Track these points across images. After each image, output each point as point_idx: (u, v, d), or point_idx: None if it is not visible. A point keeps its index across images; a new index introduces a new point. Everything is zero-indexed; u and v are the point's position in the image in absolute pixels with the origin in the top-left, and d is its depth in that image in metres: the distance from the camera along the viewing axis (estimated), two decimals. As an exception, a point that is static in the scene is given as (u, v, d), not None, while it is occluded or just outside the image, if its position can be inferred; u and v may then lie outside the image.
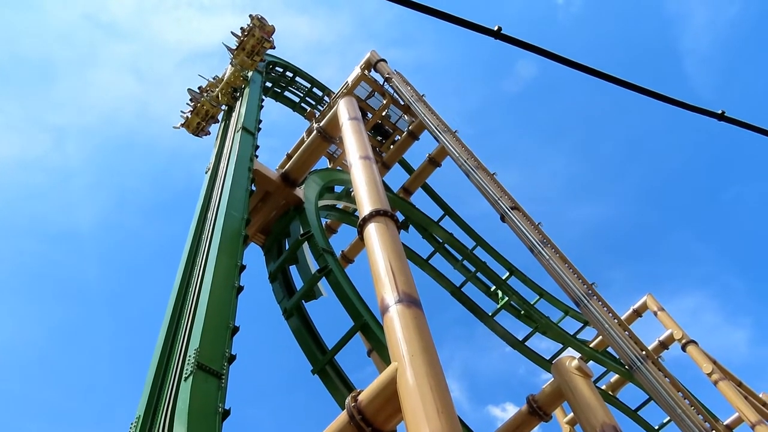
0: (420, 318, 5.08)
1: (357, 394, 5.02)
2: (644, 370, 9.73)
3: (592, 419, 6.09)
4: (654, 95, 5.13)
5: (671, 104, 5.20)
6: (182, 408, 5.54)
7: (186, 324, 6.95)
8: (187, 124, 15.82)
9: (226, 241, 8.16)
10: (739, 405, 14.01)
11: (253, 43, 15.35)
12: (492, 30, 5.21)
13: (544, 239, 11.85)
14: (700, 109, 5.36)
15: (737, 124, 5.41)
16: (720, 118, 5.50)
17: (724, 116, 5.47)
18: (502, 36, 5.23)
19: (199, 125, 15.61)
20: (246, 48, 15.35)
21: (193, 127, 15.75)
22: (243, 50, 15.34)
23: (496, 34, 5.22)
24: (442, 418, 4.15)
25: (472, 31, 4.94)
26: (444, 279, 16.14)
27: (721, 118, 5.49)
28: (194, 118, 15.70)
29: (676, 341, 16.25)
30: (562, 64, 5.01)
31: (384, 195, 7.09)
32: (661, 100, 5.18)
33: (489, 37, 5.13)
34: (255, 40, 15.35)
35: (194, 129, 15.78)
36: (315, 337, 9.02)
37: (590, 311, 10.56)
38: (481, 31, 5.04)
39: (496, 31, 5.24)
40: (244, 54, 15.28)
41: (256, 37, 15.34)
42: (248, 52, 15.34)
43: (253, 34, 15.33)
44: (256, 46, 15.41)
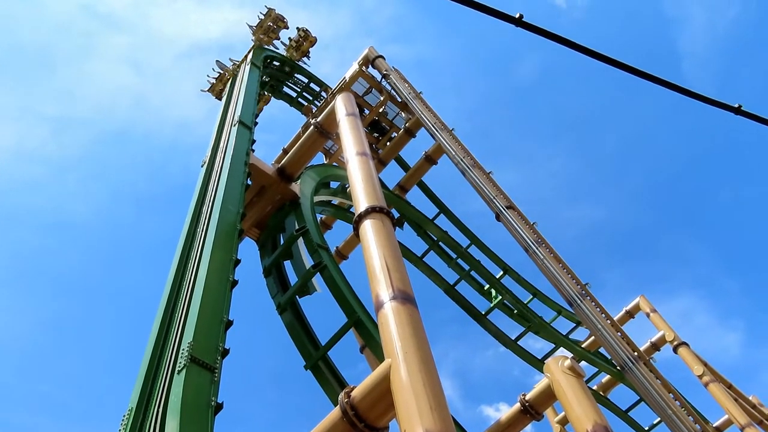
0: (414, 315, 5.08)
1: (350, 390, 5.02)
2: (636, 371, 9.78)
3: (583, 419, 6.12)
4: (673, 87, 5.13)
5: (688, 96, 5.20)
6: (175, 401, 5.53)
7: (180, 317, 6.94)
8: (212, 88, 18.65)
9: (221, 235, 8.14)
10: (729, 407, 14.10)
11: (270, 22, 18.47)
12: (513, 17, 5.21)
13: (538, 239, 11.87)
14: (716, 102, 5.35)
15: (754, 119, 5.41)
16: (737, 112, 5.49)
17: (740, 110, 5.46)
18: (524, 24, 5.23)
19: (221, 90, 18.00)
20: (263, 26, 18.35)
21: (216, 91, 18.49)
22: (261, 28, 18.26)
23: (518, 21, 5.22)
24: (435, 415, 4.16)
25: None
26: (438, 277, 16.17)
27: (738, 112, 5.48)
28: (218, 84, 18.53)
29: (668, 343, 16.33)
30: (580, 53, 4.99)
31: (380, 191, 7.09)
32: (680, 92, 5.17)
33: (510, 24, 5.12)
34: (271, 19, 18.51)
35: (217, 93, 18.40)
36: (308, 332, 9.03)
37: (583, 311, 10.60)
38: (502, 18, 5.04)
39: (518, 18, 5.24)
40: (261, 32, 18.23)
41: (272, 16, 18.52)
42: (264, 30, 18.39)
43: (270, 14, 18.48)
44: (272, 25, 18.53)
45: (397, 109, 16.84)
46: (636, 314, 18.09)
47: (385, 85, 16.37)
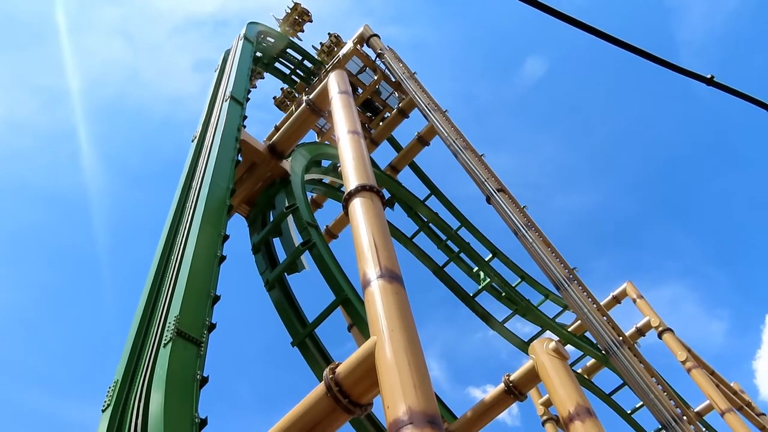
0: (401, 294, 5.09)
1: (335, 366, 5.04)
2: (620, 354, 9.89)
3: (566, 401, 6.19)
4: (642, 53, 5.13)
5: (659, 65, 5.19)
6: (160, 374, 5.53)
7: (167, 291, 6.92)
8: None
9: (210, 210, 8.09)
10: (710, 392, 14.32)
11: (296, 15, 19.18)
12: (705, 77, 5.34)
13: (528, 222, 11.91)
14: (688, 72, 5.35)
15: (726, 90, 5.43)
16: (708, 83, 5.50)
17: (713, 81, 5.47)
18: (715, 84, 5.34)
19: None
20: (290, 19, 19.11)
21: None
22: (287, 21, 18.95)
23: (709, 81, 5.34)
24: (418, 393, 4.19)
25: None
26: (427, 258, 16.22)
27: (710, 83, 5.49)
28: None
29: (653, 329, 16.51)
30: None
31: (371, 170, 7.06)
32: (650, 60, 5.17)
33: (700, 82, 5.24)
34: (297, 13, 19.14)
35: None
36: (296, 309, 9.04)
37: (570, 295, 10.68)
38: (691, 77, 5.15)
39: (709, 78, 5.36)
40: (287, 24, 18.99)
41: (299, 11, 19.15)
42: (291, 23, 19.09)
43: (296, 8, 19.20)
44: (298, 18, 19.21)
45: (390, 89, 16.75)
46: (623, 300, 18.25)
47: (380, 65, 16.26)
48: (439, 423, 4.08)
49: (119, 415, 5.64)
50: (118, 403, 5.77)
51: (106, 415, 5.68)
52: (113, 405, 5.73)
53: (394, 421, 4.03)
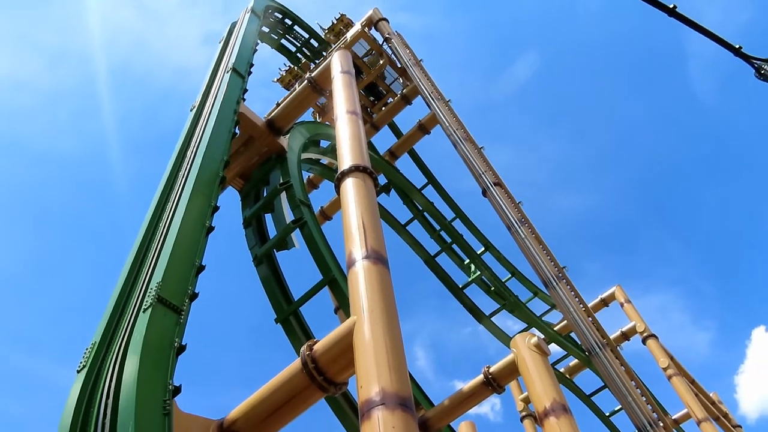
0: (385, 276, 5.06)
1: (313, 343, 5.02)
2: (602, 356, 9.88)
3: (543, 396, 6.20)
4: None
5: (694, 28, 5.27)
6: (137, 339, 5.49)
7: (152, 257, 6.87)
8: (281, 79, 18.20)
9: (203, 180, 8.03)
10: (688, 401, 14.39)
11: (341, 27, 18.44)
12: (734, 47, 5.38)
13: (522, 218, 11.86)
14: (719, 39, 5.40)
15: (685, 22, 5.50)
16: (670, 14, 5.56)
17: (674, 11, 5.52)
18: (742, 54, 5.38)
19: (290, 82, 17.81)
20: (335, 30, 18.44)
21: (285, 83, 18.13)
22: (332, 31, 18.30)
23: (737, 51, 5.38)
24: (393, 375, 4.16)
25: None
26: (419, 247, 16.18)
27: (672, 14, 5.55)
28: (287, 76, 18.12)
29: (638, 334, 16.55)
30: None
31: (366, 152, 7.01)
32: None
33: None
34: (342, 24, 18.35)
35: (286, 84, 17.95)
36: (282, 286, 9.01)
37: (558, 294, 10.65)
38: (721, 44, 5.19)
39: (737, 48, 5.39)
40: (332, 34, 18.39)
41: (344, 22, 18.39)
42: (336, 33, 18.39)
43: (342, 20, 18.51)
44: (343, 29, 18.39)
45: (395, 75, 16.62)
46: (610, 303, 18.29)
47: (386, 49, 16.11)
48: (411, 406, 4.06)
49: (94, 377, 5.60)
50: (94, 364, 5.73)
51: (80, 376, 5.65)
52: (89, 366, 5.70)
53: (366, 401, 4.02)
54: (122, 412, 4.95)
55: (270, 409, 5.19)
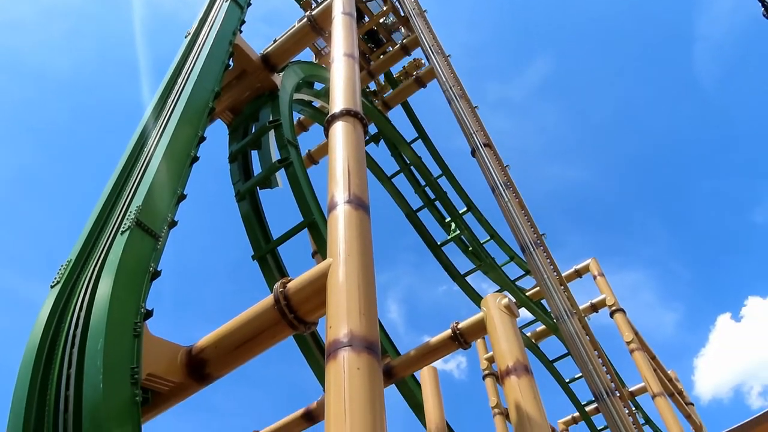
0: (365, 222, 5.09)
1: (287, 281, 5.08)
2: (569, 324, 10.12)
3: (507, 355, 6.35)
4: None
5: None
6: (113, 260, 5.51)
7: (134, 181, 6.82)
8: None
9: (191, 108, 7.90)
10: (647, 375, 14.86)
11: None
12: None
13: (507, 181, 11.91)
14: None
15: None
16: None
17: None
18: None
19: None
20: None
21: None
22: None
23: None
24: (363, 319, 4.24)
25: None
26: (402, 200, 16.21)
27: None
28: None
29: (606, 307, 16.92)
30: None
31: (359, 97, 6.93)
32: None
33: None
34: None
35: None
36: (262, 224, 9.03)
37: (534, 260, 10.80)
38: None
39: None
40: None
41: None
42: None
43: None
44: None
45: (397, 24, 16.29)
46: (584, 275, 18.61)
47: (391, -5, 15.75)
48: (377, 351, 4.15)
49: (67, 294, 5.64)
50: (68, 281, 5.76)
51: (54, 291, 5.68)
52: (62, 283, 5.72)
53: (333, 341, 4.09)
54: (93, 330, 5.01)
55: (239, 340, 5.28)
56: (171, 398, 5.59)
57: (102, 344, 4.82)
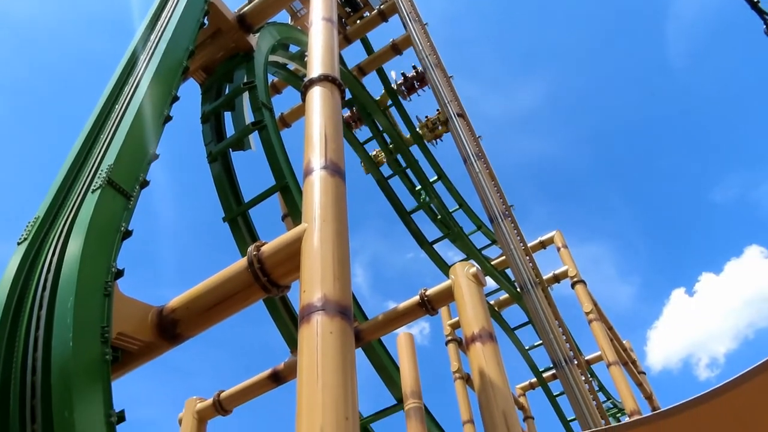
0: (340, 188, 5.13)
1: (261, 244, 5.12)
2: (532, 294, 10.44)
3: (472, 322, 6.53)
4: None
5: None
6: (83, 218, 5.46)
7: (105, 139, 6.70)
8: None
9: (165, 66, 7.75)
10: (603, 345, 15.42)
11: None
12: None
13: (479, 152, 12.05)
14: None
15: None
16: None
17: None
18: None
19: None
20: None
21: None
22: None
23: None
24: (336, 284, 4.32)
25: None
26: (373, 166, 16.24)
27: None
28: None
29: (568, 278, 17.38)
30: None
31: (337, 62, 6.90)
32: None
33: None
34: None
35: None
36: (234, 186, 9.00)
37: (501, 230, 11.05)
38: None
39: None
40: None
41: None
42: None
43: None
44: None
45: (375, -12, 16.07)
46: (548, 246, 19.03)
47: (370, -42, 15.49)
48: (349, 315, 4.26)
49: (35, 251, 5.57)
50: (36, 238, 5.69)
51: (21, 248, 5.60)
52: (30, 239, 5.65)
53: (307, 305, 4.18)
54: (62, 288, 4.98)
55: (211, 302, 5.33)
56: (141, 357, 5.62)
57: (72, 303, 4.81)
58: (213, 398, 8.73)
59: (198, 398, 8.87)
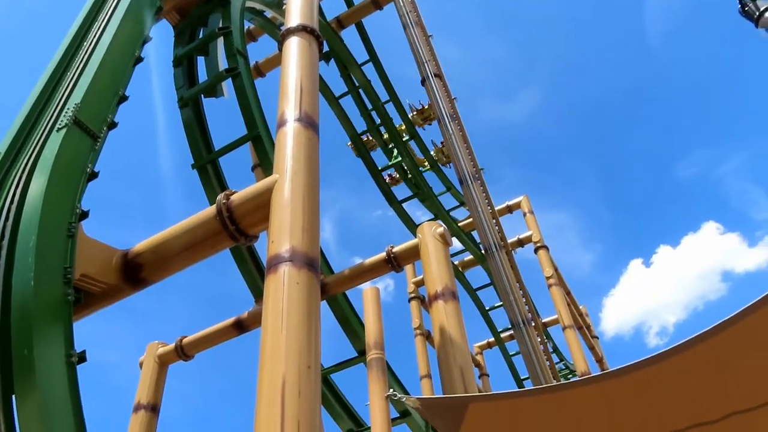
0: (314, 141, 5.11)
1: (231, 193, 5.10)
2: (496, 256, 10.64)
3: (437, 280, 6.68)
4: None
5: None
6: (48, 156, 5.34)
7: (72, 76, 6.50)
8: None
9: (137, 5, 7.49)
10: (560, 309, 15.91)
11: None
12: None
13: (454, 113, 12.05)
14: None
15: None
16: None
17: None
18: None
19: None
20: None
21: None
22: None
23: None
24: (305, 236, 4.35)
25: None
26: (348, 122, 16.12)
27: None
28: None
29: (532, 243, 17.74)
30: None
31: (316, 13, 6.75)
32: None
33: None
34: None
35: None
36: (204, 133, 8.86)
37: (470, 192, 11.16)
38: None
39: None
40: None
41: None
42: None
43: None
44: None
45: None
46: (515, 211, 19.32)
47: None
48: (317, 268, 4.31)
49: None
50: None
51: (-20, 187, 5.47)
52: (-9, 176, 5.51)
53: (274, 256, 4.21)
54: (24, 227, 4.91)
55: (178, 248, 5.31)
56: (103, 299, 5.61)
57: (34, 241, 4.75)
58: (175, 343, 8.79)
59: (160, 342, 8.92)
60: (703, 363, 3.40)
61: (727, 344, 3.29)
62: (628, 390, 3.58)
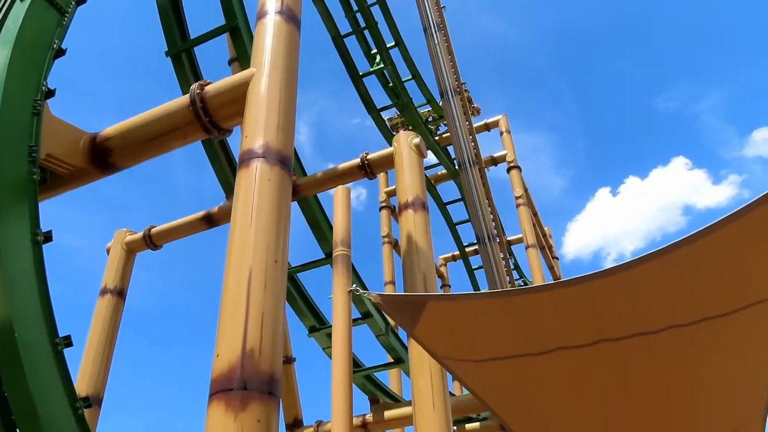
0: (294, 37, 4.92)
1: (205, 83, 4.94)
2: (469, 172, 10.69)
3: (408, 190, 6.72)
4: None
5: None
6: (11, 27, 5.03)
7: (37, -59, 6.04)
8: None
9: None
10: (526, 228, 16.27)
11: None
12: None
13: (441, 23, 11.69)
14: None
15: None
16: None
17: None
18: None
19: None
20: None
21: None
22: None
23: None
24: (280, 133, 4.28)
25: None
26: (331, 22, 15.49)
27: None
28: None
29: (505, 162, 17.82)
30: None
31: None
32: None
33: None
34: None
35: None
36: (180, 20, 8.46)
37: (449, 105, 11.02)
38: None
39: None
40: None
41: None
42: None
43: None
44: None
45: None
46: (492, 129, 19.26)
47: None
48: (289, 166, 4.27)
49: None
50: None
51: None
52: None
53: (247, 151, 4.15)
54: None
55: (148, 135, 5.19)
56: (70, 182, 5.51)
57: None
58: (144, 232, 8.80)
59: (128, 230, 8.92)
60: (648, 280, 3.60)
61: (672, 264, 3.48)
62: (576, 299, 3.78)
